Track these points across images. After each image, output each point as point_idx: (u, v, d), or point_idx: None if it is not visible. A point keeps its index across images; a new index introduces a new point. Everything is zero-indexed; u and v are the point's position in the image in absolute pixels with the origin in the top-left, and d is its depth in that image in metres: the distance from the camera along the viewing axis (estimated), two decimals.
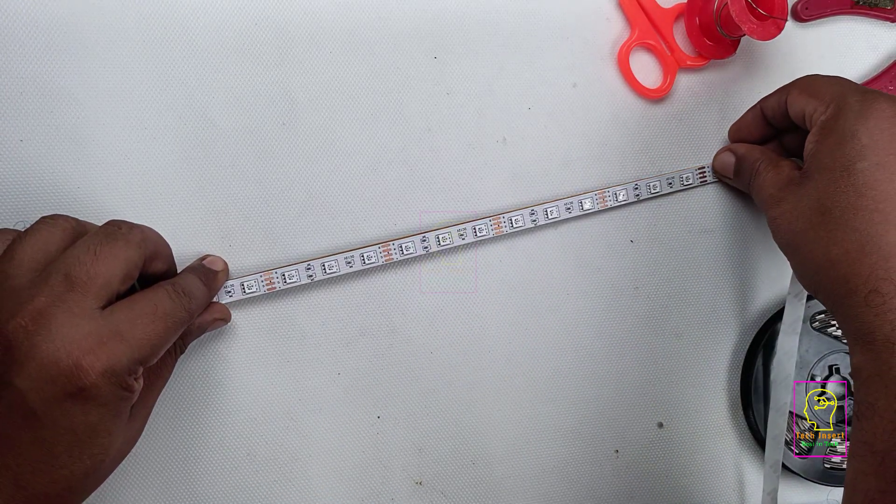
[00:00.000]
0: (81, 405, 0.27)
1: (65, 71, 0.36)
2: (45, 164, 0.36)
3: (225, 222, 0.38)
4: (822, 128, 0.33)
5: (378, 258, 0.38)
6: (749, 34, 0.39)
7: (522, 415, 0.41)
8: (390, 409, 0.40)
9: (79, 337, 0.26)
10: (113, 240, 0.29)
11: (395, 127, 0.40)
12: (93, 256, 0.28)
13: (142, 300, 0.29)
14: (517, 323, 0.41)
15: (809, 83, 0.36)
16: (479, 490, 0.41)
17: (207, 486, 0.38)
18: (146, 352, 0.28)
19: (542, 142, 0.42)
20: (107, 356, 0.27)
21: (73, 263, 0.28)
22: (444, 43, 0.41)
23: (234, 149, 0.38)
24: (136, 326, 0.28)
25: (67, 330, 0.26)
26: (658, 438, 0.43)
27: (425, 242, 0.39)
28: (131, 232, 0.30)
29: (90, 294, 0.27)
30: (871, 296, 0.30)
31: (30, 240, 0.29)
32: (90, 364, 0.26)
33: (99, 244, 0.28)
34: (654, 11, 0.42)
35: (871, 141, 0.31)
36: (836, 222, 0.32)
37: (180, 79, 0.38)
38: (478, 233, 0.40)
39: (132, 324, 0.28)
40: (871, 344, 0.30)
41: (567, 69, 0.42)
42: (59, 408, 0.26)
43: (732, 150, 0.41)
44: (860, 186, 0.31)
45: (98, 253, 0.28)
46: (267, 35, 0.39)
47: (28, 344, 0.26)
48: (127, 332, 0.28)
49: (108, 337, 0.27)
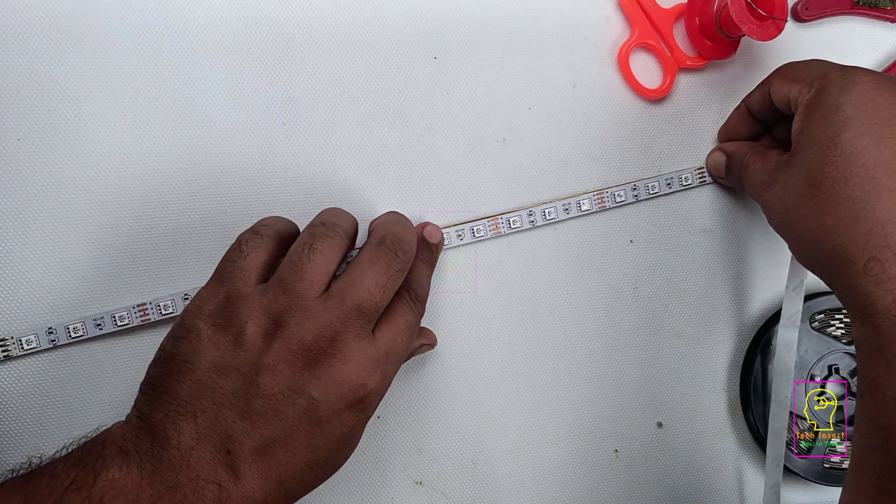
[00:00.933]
0: (355, 415, 0.30)
1: (63, 69, 0.36)
2: (43, 162, 0.36)
3: (225, 222, 0.38)
4: (806, 106, 0.34)
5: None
6: (749, 35, 0.39)
7: (522, 415, 0.41)
8: (390, 409, 0.40)
9: (364, 360, 0.30)
10: (373, 263, 0.32)
11: (395, 127, 0.40)
12: (374, 287, 0.31)
13: (397, 318, 0.32)
14: (517, 323, 0.41)
15: (789, 69, 0.37)
16: (479, 490, 0.41)
17: None
18: (403, 362, 0.33)
19: (542, 142, 0.42)
20: (381, 374, 0.31)
21: (363, 296, 0.31)
22: (444, 43, 0.41)
23: (234, 149, 0.38)
24: (399, 345, 0.32)
25: (357, 354, 0.30)
26: (657, 438, 0.43)
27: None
28: (398, 251, 0.33)
29: (364, 317, 0.31)
30: (869, 264, 0.30)
31: (316, 257, 0.31)
32: (374, 383, 0.30)
33: (364, 270, 0.31)
34: (654, 12, 0.42)
35: (856, 111, 0.31)
36: (827, 193, 0.31)
37: (180, 78, 0.38)
38: (476, 234, 0.40)
39: (395, 343, 0.32)
40: (872, 316, 0.30)
41: (567, 69, 0.42)
42: (339, 418, 0.30)
43: (722, 149, 0.42)
44: (848, 155, 0.31)
45: (374, 281, 0.31)
46: (267, 35, 0.39)
47: (326, 363, 0.29)
48: (391, 352, 0.31)
49: (383, 359, 0.31)
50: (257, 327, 0.29)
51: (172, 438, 0.27)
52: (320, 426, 0.29)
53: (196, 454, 0.28)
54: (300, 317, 0.29)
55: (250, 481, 0.28)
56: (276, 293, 0.30)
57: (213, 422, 0.28)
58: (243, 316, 0.29)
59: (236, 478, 0.28)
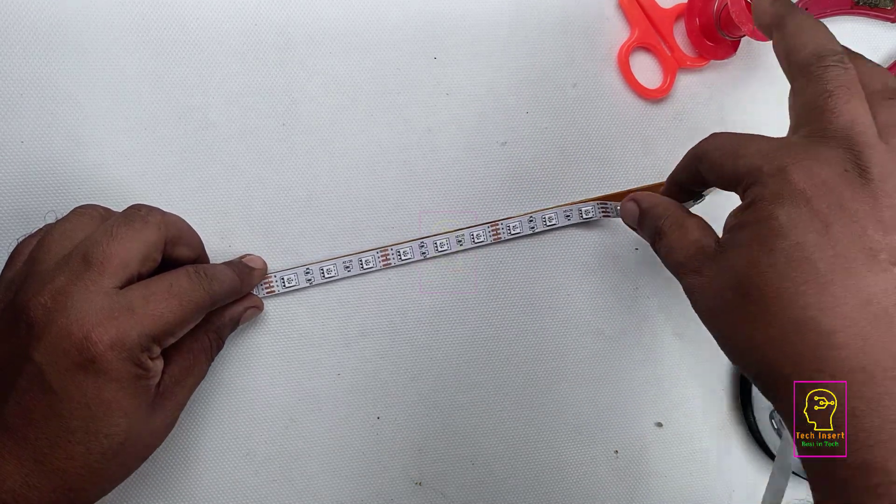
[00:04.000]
0: (94, 378, 0.27)
1: (65, 72, 0.37)
2: (45, 165, 0.36)
3: (225, 222, 0.38)
4: (742, 206, 0.30)
5: (376, 263, 0.39)
6: (749, 35, 0.39)
7: (522, 415, 0.41)
8: (390, 410, 0.40)
9: (91, 311, 0.27)
10: (130, 221, 0.30)
11: (394, 128, 0.40)
12: (109, 237, 0.29)
13: (158, 280, 0.30)
14: (517, 323, 0.41)
15: (721, 153, 0.31)
16: (479, 490, 0.41)
17: (206, 487, 0.38)
18: (158, 328, 0.29)
19: (542, 141, 0.42)
20: (115, 329, 0.28)
21: (91, 245, 0.29)
22: (444, 43, 0.41)
23: (234, 149, 0.38)
24: (149, 303, 0.29)
25: (81, 305, 0.27)
26: (657, 438, 0.43)
27: (423, 248, 0.39)
28: (150, 214, 0.31)
29: (106, 273, 0.28)
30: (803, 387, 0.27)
31: (59, 227, 0.30)
32: (99, 336, 0.27)
33: (116, 226, 0.29)
34: (654, 12, 0.42)
35: (789, 220, 0.28)
36: (756, 305, 0.28)
37: (180, 80, 0.38)
38: (475, 239, 0.40)
39: (145, 300, 0.29)
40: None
41: (567, 69, 0.42)
42: (72, 380, 0.27)
43: (636, 200, 0.37)
44: (781, 267, 0.27)
45: (115, 234, 0.29)
46: (267, 36, 0.39)
47: (46, 320, 0.27)
48: (139, 308, 0.28)
49: (120, 311, 0.28)
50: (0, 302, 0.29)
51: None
52: (54, 392, 0.27)
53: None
54: (29, 281, 0.29)
55: (4, 465, 0.27)
56: (22, 266, 0.30)
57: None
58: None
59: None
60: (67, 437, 0.28)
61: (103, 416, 0.28)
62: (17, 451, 0.27)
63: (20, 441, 0.27)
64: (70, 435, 0.28)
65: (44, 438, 0.27)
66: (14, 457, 0.27)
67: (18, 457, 0.27)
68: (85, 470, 0.28)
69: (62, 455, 0.28)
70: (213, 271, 0.33)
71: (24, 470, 0.27)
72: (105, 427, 0.28)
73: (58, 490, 0.28)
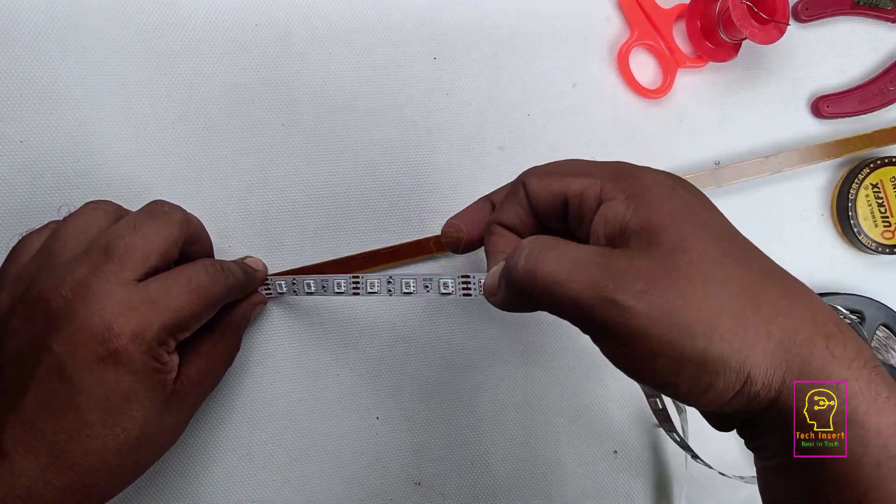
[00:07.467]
0: (113, 370, 0.27)
1: (64, 73, 0.37)
2: (45, 165, 0.36)
3: (225, 222, 0.38)
4: (626, 192, 0.28)
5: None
6: (750, 38, 0.39)
7: (521, 415, 0.41)
8: (389, 410, 0.40)
9: (112, 303, 0.27)
10: (153, 216, 0.30)
11: (395, 127, 0.40)
12: (132, 230, 0.29)
13: (177, 272, 0.30)
14: (517, 323, 0.41)
15: (555, 168, 0.29)
16: (478, 490, 0.41)
17: (206, 487, 0.38)
18: (177, 320, 0.29)
19: (542, 141, 0.42)
20: (137, 320, 0.27)
21: (112, 237, 0.29)
22: (444, 43, 0.41)
23: (234, 149, 0.38)
24: (170, 295, 0.29)
25: (102, 296, 0.27)
26: (657, 438, 0.43)
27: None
28: (173, 211, 0.31)
29: (127, 266, 0.28)
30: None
31: (73, 220, 0.30)
32: (121, 327, 0.27)
33: (139, 219, 0.30)
34: (654, 12, 0.42)
35: (653, 182, 0.27)
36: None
37: (180, 79, 0.38)
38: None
39: (165, 293, 0.29)
40: None
41: (567, 69, 0.42)
42: (92, 372, 0.27)
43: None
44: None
45: (137, 228, 0.29)
46: (267, 36, 0.39)
47: (66, 311, 0.27)
48: (159, 300, 0.28)
49: (140, 303, 0.28)
50: (8, 295, 0.29)
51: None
52: (73, 383, 0.27)
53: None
54: (46, 273, 0.28)
55: (16, 456, 0.27)
56: (33, 259, 0.30)
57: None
58: (1, 290, 0.29)
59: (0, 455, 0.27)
60: (85, 430, 0.27)
61: (121, 408, 0.28)
62: (33, 445, 0.27)
63: (37, 435, 0.27)
64: (87, 428, 0.27)
65: (61, 432, 0.27)
66: (30, 452, 0.27)
67: (35, 452, 0.27)
68: (100, 465, 0.28)
69: (79, 450, 0.27)
70: (227, 265, 0.33)
71: (40, 465, 0.27)
72: (122, 420, 0.28)
73: (72, 486, 0.27)
